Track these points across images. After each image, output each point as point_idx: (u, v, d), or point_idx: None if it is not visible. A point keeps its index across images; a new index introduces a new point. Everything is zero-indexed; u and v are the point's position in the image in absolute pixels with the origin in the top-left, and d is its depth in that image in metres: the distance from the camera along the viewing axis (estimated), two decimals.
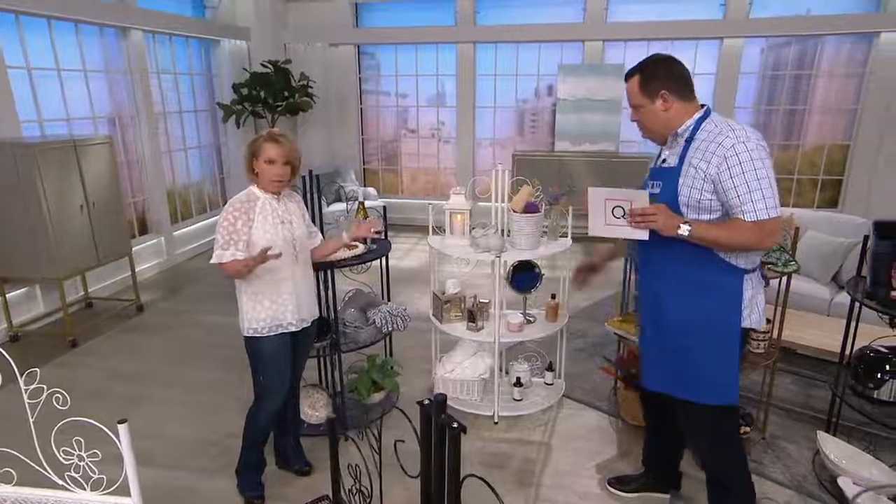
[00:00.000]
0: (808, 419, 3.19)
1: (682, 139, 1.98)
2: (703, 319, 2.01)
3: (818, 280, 4.08)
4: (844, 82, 6.71)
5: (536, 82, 7.33)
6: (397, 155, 7.88)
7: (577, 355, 4.00)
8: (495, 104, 7.39)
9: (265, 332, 2.34)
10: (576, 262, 2.47)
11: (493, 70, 7.28)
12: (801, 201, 7.03)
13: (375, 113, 7.76)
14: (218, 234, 2.25)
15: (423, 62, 7.41)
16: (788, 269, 2.65)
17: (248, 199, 2.29)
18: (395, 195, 7.87)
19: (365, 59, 7.57)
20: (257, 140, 2.29)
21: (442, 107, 7.59)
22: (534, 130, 7.56)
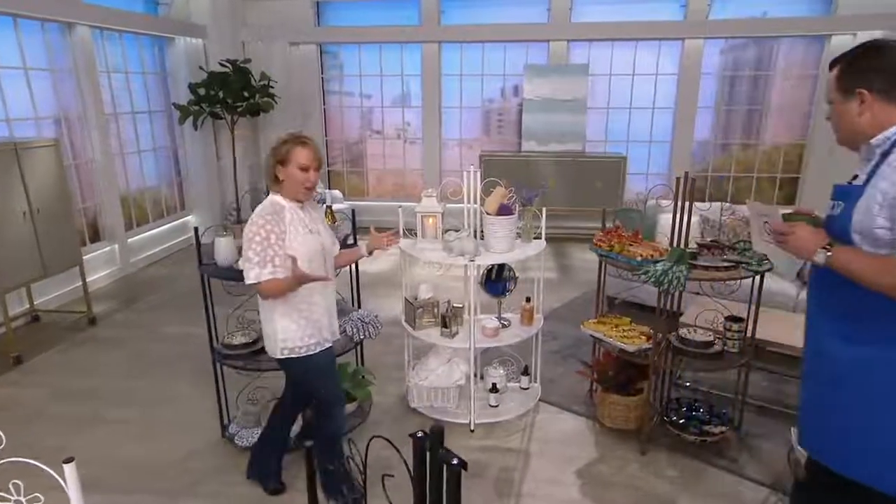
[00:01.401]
0: (781, 415, 3.23)
1: (877, 151, 1.57)
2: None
3: (783, 277, 4.14)
4: (799, 83, 6.92)
5: (502, 82, 7.31)
6: (362, 156, 7.74)
7: (552, 357, 3.96)
8: (461, 104, 7.34)
9: (304, 352, 2.25)
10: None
11: (459, 70, 7.22)
12: (761, 199, 7.20)
13: (339, 114, 7.60)
14: (250, 252, 2.09)
15: (388, 62, 7.29)
16: (763, 268, 2.66)
17: (274, 210, 2.13)
18: (361, 197, 7.73)
19: (328, 58, 7.40)
20: (283, 145, 2.15)
21: (407, 107, 7.49)
22: (501, 131, 7.54)
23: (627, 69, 7.01)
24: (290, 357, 2.27)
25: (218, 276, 2.68)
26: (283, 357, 2.27)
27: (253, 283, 2.11)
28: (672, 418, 3.04)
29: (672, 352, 2.91)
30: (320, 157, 2.22)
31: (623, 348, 2.93)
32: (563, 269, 6.04)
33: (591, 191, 6.56)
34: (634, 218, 4.60)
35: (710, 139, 7.23)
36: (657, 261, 2.71)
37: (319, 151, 2.22)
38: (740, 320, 2.88)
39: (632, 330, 3.07)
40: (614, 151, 7.07)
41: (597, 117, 7.16)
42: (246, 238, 2.11)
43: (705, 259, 2.73)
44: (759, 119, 7.08)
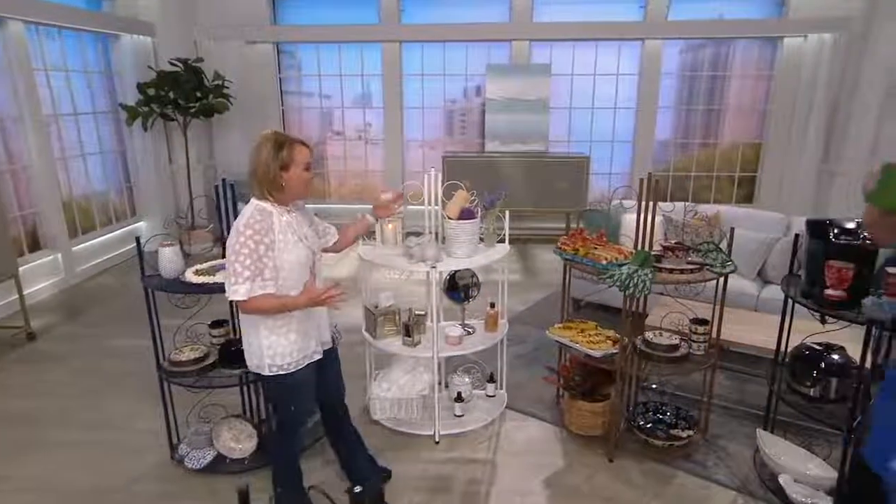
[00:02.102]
0: (746, 415, 3.24)
1: None
2: None
3: (745, 276, 4.18)
4: (754, 83, 7.06)
5: (465, 82, 7.25)
6: (323, 158, 7.57)
7: (518, 362, 3.90)
8: (423, 105, 7.24)
9: (292, 368, 2.12)
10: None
11: (421, 70, 7.12)
12: (721, 198, 7.34)
13: (298, 114, 7.41)
14: (236, 265, 1.94)
15: (347, 62, 7.14)
16: (726, 269, 2.65)
17: (262, 218, 1.99)
18: (322, 200, 7.54)
19: (285, 57, 7.20)
20: (282, 148, 2.01)
21: (368, 108, 7.35)
22: (463, 131, 7.47)
23: (589, 69, 7.02)
24: (270, 375, 2.14)
25: (162, 288, 2.51)
26: (272, 374, 2.13)
27: (241, 301, 1.96)
28: (639, 423, 3.02)
29: (638, 356, 2.88)
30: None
31: (589, 354, 2.88)
32: (528, 270, 6.00)
33: (556, 191, 6.53)
34: (598, 219, 4.60)
35: (671, 139, 7.31)
36: (622, 264, 2.66)
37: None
38: (705, 322, 2.87)
39: (598, 334, 3.02)
40: (577, 151, 7.07)
41: (559, 117, 7.15)
42: (231, 250, 1.96)
43: (670, 261, 2.70)
44: (718, 119, 7.20)
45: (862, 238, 2.24)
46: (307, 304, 2.04)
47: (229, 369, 2.67)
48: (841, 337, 2.52)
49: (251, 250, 1.94)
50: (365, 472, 2.61)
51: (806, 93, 6.58)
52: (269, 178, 2.01)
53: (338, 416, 2.54)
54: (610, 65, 7.00)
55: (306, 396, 2.25)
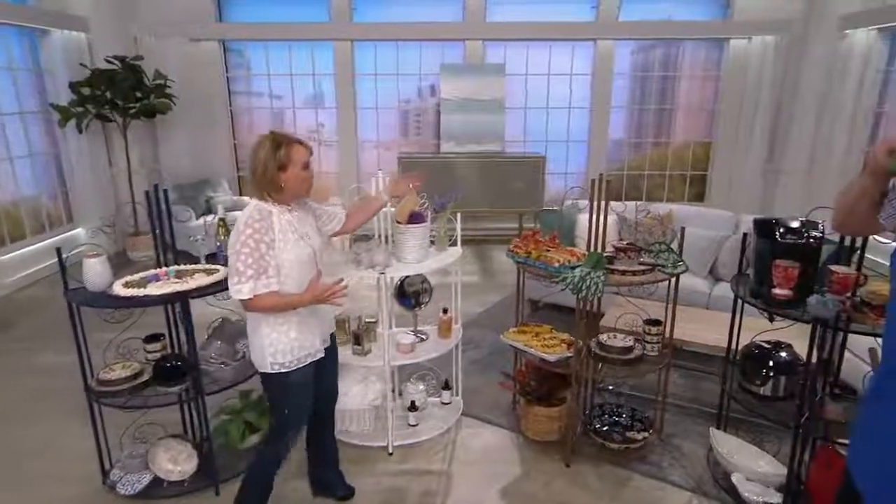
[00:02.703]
0: (700, 413, 3.25)
1: None
2: None
3: (696, 274, 4.22)
4: (703, 84, 7.23)
5: (419, 82, 7.17)
6: None
7: (474, 367, 3.83)
8: (377, 105, 7.12)
9: (293, 366, 2.10)
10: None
11: (374, 69, 7.00)
12: (674, 196, 7.48)
13: (248, 115, 7.18)
14: (238, 264, 1.94)
15: (298, 61, 6.95)
16: (678, 270, 2.64)
17: (262, 217, 1.98)
18: None
19: (232, 56, 6.95)
20: (279, 148, 1.98)
21: (320, 108, 7.19)
22: (419, 131, 7.40)
23: (543, 69, 7.05)
24: (271, 373, 2.10)
25: (88, 303, 2.33)
26: (273, 371, 2.10)
27: (246, 299, 1.95)
28: (595, 426, 3.00)
29: (593, 359, 2.85)
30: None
31: (544, 358, 2.84)
32: (485, 272, 5.96)
33: (512, 191, 6.52)
34: (553, 219, 4.59)
35: (624, 138, 7.41)
36: (574, 266, 2.63)
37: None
38: (658, 323, 2.87)
39: (552, 338, 2.99)
40: (533, 151, 7.09)
41: (515, 117, 7.15)
42: (232, 249, 1.96)
43: (622, 263, 2.69)
44: (670, 118, 7.33)
45: (806, 237, 2.27)
46: (312, 301, 2.03)
47: (165, 387, 2.50)
48: (790, 334, 2.56)
49: (252, 249, 1.94)
50: (333, 487, 2.56)
51: (751, 93, 6.76)
52: (267, 179, 2.00)
53: (324, 420, 2.49)
54: (564, 65, 7.04)
55: (302, 399, 2.21)
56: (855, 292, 2.23)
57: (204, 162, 6.73)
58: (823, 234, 2.31)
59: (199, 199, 6.11)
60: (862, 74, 5.81)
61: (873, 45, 5.73)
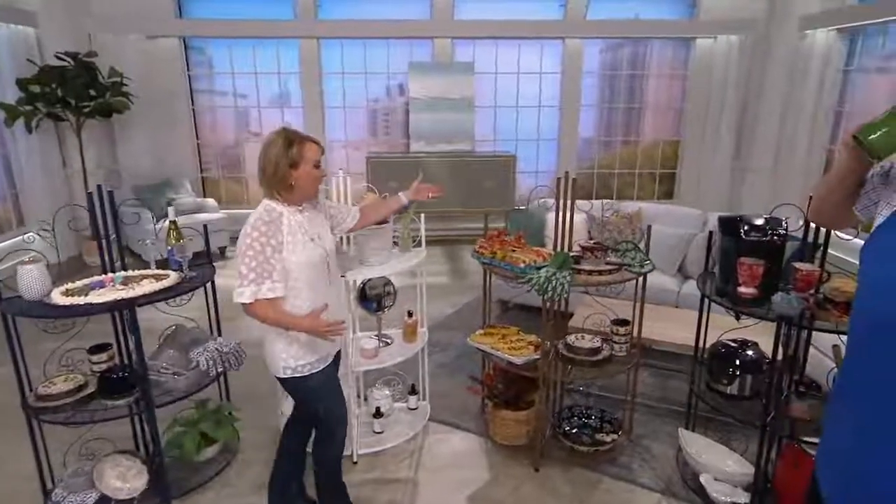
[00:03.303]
0: (669, 413, 3.24)
1: None
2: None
3: (665, 272, 4.22)
4: (671, 83, 7.28)
5: (387, 81, 7.07)
6: (240, 161, 7.17)
7: (442, 370, 3.76)
8: (345, 104, 7.00)
9: (308, 371, 2.07)
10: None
11: (341, 68, 6.87)
12: (644, 194, 7.52)
13: (211, 115, 6.98)
14: (242, 267, 1.90)
15: (263, 59, 6.78)
16: (645, 269, 2.61)
17: (271, 219, 1.94)
18: (240, 205, 7.14)
19: (193, 54, 6.74)
20: (290, 148, 1.95)
21: (287, 107, 7.04)
22: (387, 131, 7.31)
23: (512, 68, 7.02)
24: (294, 377, 2.07)
25: (23, 313, 2.18)
26: (286, 377, 2.08)
27: (245, 304, 1.92)
28: (565, 429, 2.96)
29: (561, 361, 2.80)
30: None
31: (511, 361, 2.78)
32: (455, 272, 5.89)
33: (483, 191, 6.46)
34: (523, 219, 4.54)
35: (594, 137, 7.43)
36: (540, 266, 2.57)
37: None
38: (626, 323, 2.83)
39: (520, 340, 2.93)
40: (503, 150, 7.05)
41: (485, 116, 7.11)
42: (238, 251, 1.95)
43: (588, 262, 2.64)
44: (639, 117, 7.37)
45: (771, 234, 2.25)
46: (308, 329, 1.98)
47: (112, 400, 2.36)
48: (757, 332, 2.55)
49: (256, 252, 1.90)
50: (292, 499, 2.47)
51: (718, 92, 6.83)
52: (278, 177, 1.96)
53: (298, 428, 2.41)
54: (533, 63, 7.02)
55: (335, 395, 2.19)
56: (818, 289, 2.22)
57: (165, 163, 6.51)
58: (787, 231, 2.29)
59: (160, 200, 5.90)
60: (822, 74, 5.91)
61: (833, 45, 5.82)
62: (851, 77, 5.83)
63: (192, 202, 6.14)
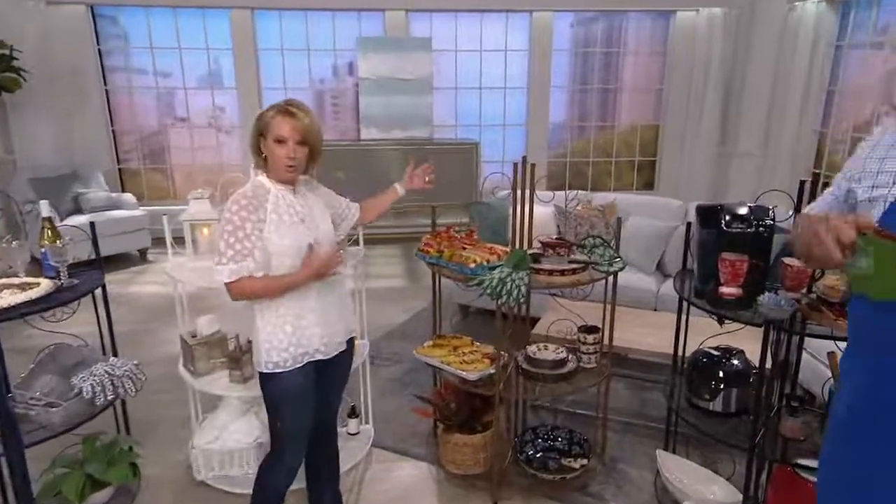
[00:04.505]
0: (647, 431, 3.14)
1: None
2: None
3: (642, 270, 4.13)
4: (649, 60, 7.24)
5: (334, 59, 6.86)
6: (164, 150, 6.86)
7: (391, 387, 3.61)
8: (285, 85, 6.76)
9: (288, 366, 2.03)
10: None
11: (280, 44, 6.63)
12: (622, 184, 7.46)
13: (128, 96, 6.63)
14: (221, 243, 1.92)
15: (188, 32, 6.47)
16: (614, 267, 2.47)
17: (255, 194, 1.96)
18: (165, 200, 6.81)
19: (104, 24, 6.36)
20: (265, 113, 1.99)
21: (218, 88, 6.75)
22: (336, 116, 7.13)
23: (474, 44, 6.88)
24: (265, 372, 2.04)
25: None
26: (268, 371, 2.04)
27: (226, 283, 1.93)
28: (527, 454, 2.82)
29: (521, 375, 2.65)
30: (311, 131, 1.99)
31: (463, 377, 2.61)
32: (412, 274, 5.71)
33: (443, 182, 6.24)
34: (483, 212, 4.38)
35: (566, 121, 7.35)
36: (494, 266, 2.41)
37: (313, 125, 2.00)
38: (595, 330, 2.69)
39: (474, 352, 2.77)
40: (466, 137, 6.93)
41: (444, 99, 6.97)
42: (219, 228, 2.00)
43: (550, 261, 2.49)
44: (614, 99, 7.31)
45: (756, 225, 2.13)
46: (308, 278, 1.97)
47: None
48: (743, 337, 2.44)
49: (235, 227, 1.91)
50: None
51: (700, 71, 6.80)
52: (251, 144, 2.03)
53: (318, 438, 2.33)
54: (498, 39, 6.90)
55: (299, 411, 2.11)
56: (811, 288, 2.12)
57: (72, 151, 6.14)
58: (775, 221, 2.18)
59: (65, 195, 5.55)
60: (813, 50, 5.90)
61: (823, 17, 5.83)
62: (844, 53, 5.84)
63: (104, 197, 5.80)
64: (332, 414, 2.39)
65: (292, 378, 2.04)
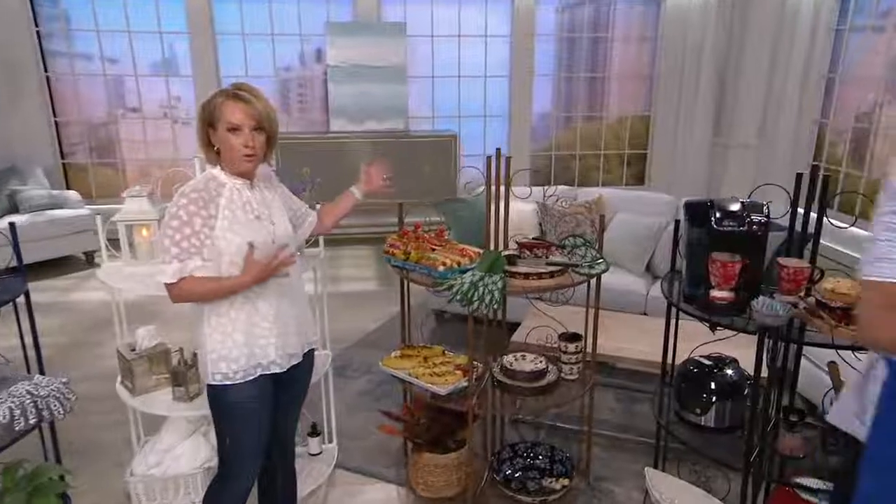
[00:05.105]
0: (636, 446, 3.10)
1: None
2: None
3: (631, 271, 4.11)
4: (639, 47, 7.23)
5: (300, 45, 6.76)
6: (115, 143, 6.71)
7: (360, 402, 3.55)
8: (247, 73, 6.63)
9: (239, 378, 1.97)
10: None
11: (241, 28, 6.50)
12: (611, 179, 7.44)
13: (72, 83, 6.46)
14: (166, 239, 1.87)
15: (139, 15, 6.32)
16: (596, 269, 2.40)
17: (206, 188, 1.92)
18: (115, 199, 6.62)
19: (43, 6, 6.18)
20: (212, 100, 1.92)
21: (174, 76, 6.62)
22: (303, 107, 7.06)
23: (452, 29, 6.81)
24: (213, 384, 1.98)
25: None
26: (216, 383, 1.98)
27: (168, 284, 1.87)
28: (505, 473, 2.76)
29: (497, 388, 2.58)
30: (266, 117, 1.94)
31: (433, 391, 2.54)
32: (386, 277, 5.62)
33: (420, 178, 6.25)
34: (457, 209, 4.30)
35: (551, 112, 7.32)
36: (465, 269, 2.34)
37: (268, 110, 1.95)
38: (577, 338, 2.63)
39: (445, 363, 2.70)
40: (444, 129, 6.88)
41: (420, 88, 6.91)
42: (164, 222, 1.91)
43: (527, 263, 2.42)
44: (602, 88, 7.28)
45: (749, 223, 2.08)
46: (253, 281, 1.91)
47: None
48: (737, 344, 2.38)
49: (182, 222, 1.86)
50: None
51: (693, 57, 6.78)
52: (199, 136, 1.97)
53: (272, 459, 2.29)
54: (477, 24, 6.83)
55: (250, 429, 2.06)
56: (810, 291, 2.08)
57: (9, 144, 5.95)
58: (769, 218, 2.13)
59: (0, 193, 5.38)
60: (812, 35, 5.91)
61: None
62: (844, 37, 5.84)
63: (45, 195, 5.62)
64: (289, 432, 2.34)
65: (243, 391, 1.99)
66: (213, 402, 2.04)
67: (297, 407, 2.34)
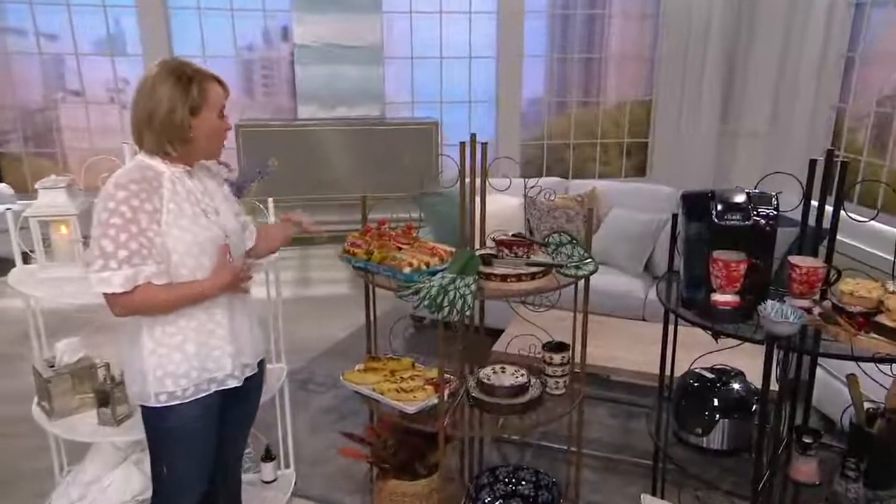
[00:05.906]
0: (632, 468, 3.08)
1: None
2: None
3: (627, 271, 4.09)
4: (640, 25, 7.24)
5: (264, 21, 6.77)
6: (53, 130, 6.65)
7: (323, 420, 3.52)
8: (204, 53, 6.58)
9: (189, 396, 1.93)
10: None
11: (196, 2, 6.45)
12: (609, 170, 7.44)
13: (4, 63, 6.39)
14: (105, 241, 1.76)
15: None
16: (583, 270, 2.32)
17: (145, 178, 1.83)
18: None
19: None
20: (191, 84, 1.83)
21: (120, 56, 6.57)
22: (268, 91, 7.11)
23: (433, 5, 6.81)
24: (155, 406, 1.92)
25: None
26: (160, 405, 1.91)
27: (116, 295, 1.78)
28: (484, 501, 2.70)
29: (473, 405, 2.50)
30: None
31: (400, 409, 2.45)
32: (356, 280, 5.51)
33: (398, 169, 6.34)
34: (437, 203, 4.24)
35: (543, 97, 7.33)
36: (435, 271, 2.26)
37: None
38: (564, 348, 2.55)
39: (415, 377, 2.61)
40: (424, 116, 6.93)
41: (398, 70, 6.93)
42: (97, 220, 1.80)
43: (504, 263, 2.33)
44: (599, 71, 7.29)
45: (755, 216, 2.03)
46: (221, 288, 1.92)
47: None
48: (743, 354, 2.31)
49: (126, 220, 1.76)
50: None
51: (699, 36, 6.76)
52: (174, 125, 1.84)
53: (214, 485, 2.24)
54: (461, 0, 6.84)
55: (195, 452, 2.03)
56: (825, 294, 2.03)
57: None
58: (779, 211, 2.07)
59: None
60: (829, 11, 5.88)
61: None
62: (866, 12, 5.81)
63: None
64: (236, 456, 2.34)
65: (188, 411, 1.95)
66: (150, 424, 1.99)
67: (247, 426, 2.32)
